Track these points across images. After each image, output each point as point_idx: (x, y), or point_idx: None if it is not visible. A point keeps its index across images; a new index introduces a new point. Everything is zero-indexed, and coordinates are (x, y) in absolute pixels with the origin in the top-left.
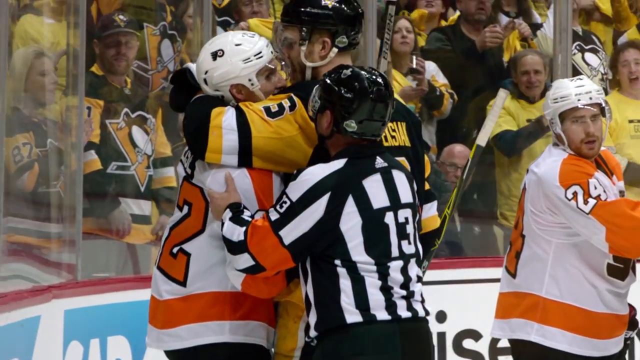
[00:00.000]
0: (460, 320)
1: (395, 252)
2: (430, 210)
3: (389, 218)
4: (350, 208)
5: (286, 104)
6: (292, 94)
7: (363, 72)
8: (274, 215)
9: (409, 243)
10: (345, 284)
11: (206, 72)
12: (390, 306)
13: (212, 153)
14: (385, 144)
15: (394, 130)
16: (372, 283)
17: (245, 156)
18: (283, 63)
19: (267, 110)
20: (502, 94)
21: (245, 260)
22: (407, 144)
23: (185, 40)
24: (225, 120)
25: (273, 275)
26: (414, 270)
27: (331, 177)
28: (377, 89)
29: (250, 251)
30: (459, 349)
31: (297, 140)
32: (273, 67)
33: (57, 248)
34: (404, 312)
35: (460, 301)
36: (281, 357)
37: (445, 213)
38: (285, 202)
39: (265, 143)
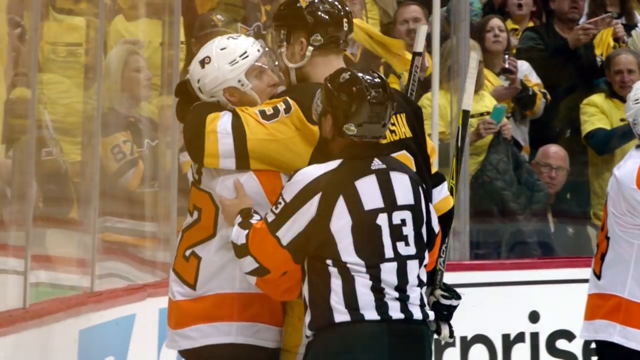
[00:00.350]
0: (554, 321)
1: (389, 253)
2: (441, 193)
3: (381, 219)
4: (340, 208)
5: (281, 106)
6: (286, 97)
7: (361, 76)
8: (270, 217)
9: (407, 245)
10: (336, 283)
11: (198, 81)
12: (381, 307)
13: (210, 157)
14: (384, 141)
15: (393, 124)
16: (363, 283)
17: (242, 159)
18: (276, 64)
19: (262, 113)
20: (474, 55)
21: (249, 263)
22: (408, 134)
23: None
24: (220, 124)
25: (280, 276)
26: (413, 272)
27: (324, 177)
28: (375, 92)
29: (252, 254)
30: (552, 349)
31: (295, 142)
32: (263, 65)
33: (152, 246)
34: (395, 314)
35: (554, 302)
36: (286, 353)
37: (450, 184)
38: (280, 203)
39: (260, 145)
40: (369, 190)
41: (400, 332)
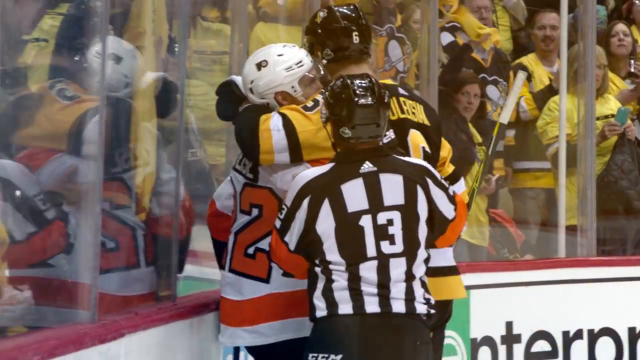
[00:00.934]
0: None
1: (371, 252)
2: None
3: (364, 221)
4: (325, 210)
5: (319, 97)
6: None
7: (350, 82)
8: (278, 223)
9: (392, 243)
10: (321, 281)
11: (252, 82)
12: (356, 301)
13: (265, 154)
14: (405, 115)
15: (414, 108)
16: (341, 281)
17: (295, 151)
18: (322, 73)
19: (304, 107)
20: (521, 75)
21: (276, 268)
22: (427, 123)
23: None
24: (272, 123)
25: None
26: (398, 269)
27: (314, 180)
28: (363, 96)
29: (274, 261)
30: None
31: None
32: (313, 75)
33: None
34: (371, 307)
35: None
36: None
37: (472, 187)
38: (283, 209)
39: (310, 136)
40: (353, 193)
41: (374, 324)
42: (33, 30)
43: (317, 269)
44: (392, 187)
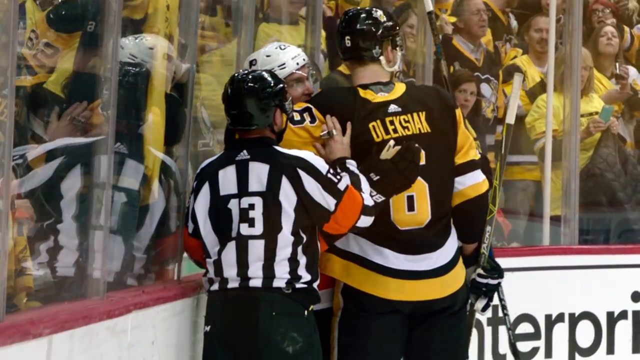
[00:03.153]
0: None
1: (234, 233)
2: (466, 181)
3: (232, 204)
4: (203, 192)
5: (307, 117)
6: (311, 107)
7: (240, 73)
8: (186, 210)
9: (251, 226)
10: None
11: None
12: (221, 280)
13: None
14: (395, 135)
15: (406, 122)
16: (211, 260)
17: None
18: (312, 73)
19: (291, 119)
20: (517, 78)
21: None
22: (425, 130)
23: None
24: None
25: None
26: (257, 249)
27: (206, 166)
28: (229, 88)
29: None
30: None
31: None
32: (303, 74)
33: None
34: (232, 284)
35: None
36: None
37: (494, 184)
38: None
39: (285, 144)
40: (227, 178)
41: (233, 298)
42: None
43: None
44: (258, 175)
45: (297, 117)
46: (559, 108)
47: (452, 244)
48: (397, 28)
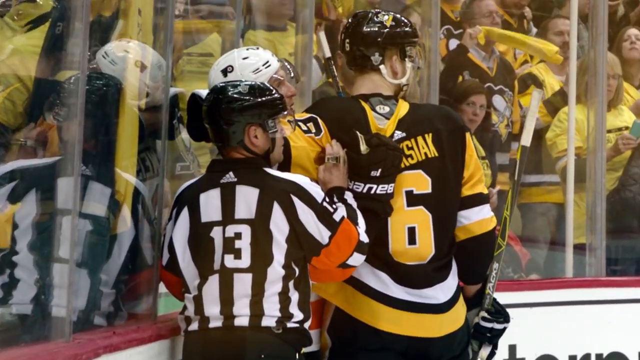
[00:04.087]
0: None
1: (217, 265)
2: (472, 216)
3: (215, 232)
4: (183, 219)
5: (312, 128)
6: (317, 118)
7: (215, 87)
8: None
9: (236, 257)
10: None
11: None
12: (201, 318)
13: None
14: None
15: (410, 149)
16: (190, 296)
17: (284, 163)
18: (292, 76)
19: (300, 128)
20: (536, 94)
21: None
22: (432, 154)
23: None
24: None
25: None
26: (243, 284)
27: (185, 189)
28: (206, 101)
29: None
30: None
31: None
32: (281, 77)
33: None
34: (215, 322)
35: None
36: None
37: (505, 215)
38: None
39: (301, 151)
40: (209, 203)
41: (216, 339)
42: None
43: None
44: (247, 200)
45: (302, 126)
46: (583, 122)
47: (454, 278)
48: (412, 36)
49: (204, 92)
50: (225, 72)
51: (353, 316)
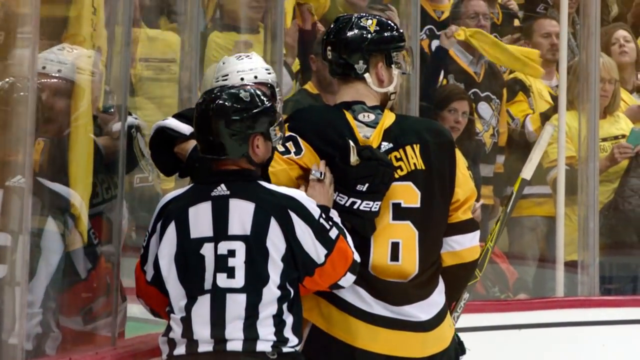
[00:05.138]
0: None
1: (207, 285)
2: (466, 243)
3: (206, 249)
4: (170, 234)
5: (292, 148)
6: (295, 136)
7: (212, 92)
8: (141, 251)
9: (230, 276)
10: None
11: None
12: (189, 341)
13: None
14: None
15: (398, 159)
16: (177, 317)
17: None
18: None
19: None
20: (549, 129)
21: (144, 305)
22: (420, 166)
23: None
24: None
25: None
26: (236, 305)
27: (171, 201)
28: (198, 108)
29: (138, 295)
30: None
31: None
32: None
33: None
34: (204, 347)
35: None
36: None
37: (487, 246)
38: (146, 235)
39: (279, 174)
40: (200, 218)
41: None
42: None
43: (167, 309)
44: (241, 215)
45: (280, 148)
46: (575, 129)
47: (440, 295)
48: (398, 41)
49: (170, 123)
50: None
51: (329, 333)
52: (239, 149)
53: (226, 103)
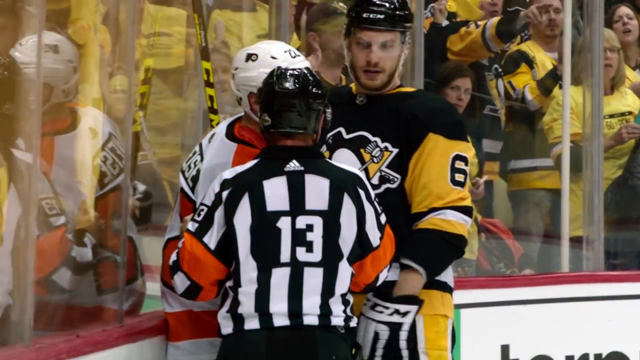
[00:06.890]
0: None
1: (285, 257)
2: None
3: (283, 222)
4: (244, 206)
5: None
6: None
7: (281, 68)
8: (193, 226)
9: (309, 251)
10: (230, 293)
11: (236, 69)
12: (263, 315)
13: None
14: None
15: None
16: (249, 290)
17: None
18: None
19: None
20: None
21: (182, 281)
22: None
23: None
24: None
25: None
26: (313, 279)
27: (237, 176)
28: (284, 82)
29: (183, 269)
30: None
31: None
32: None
33: None
34: (279, 321)
35: None
36: None
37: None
38: (202, 209)
39: None
40: (275, 192)
41: (284, 339)
42: None
43: (228, 284)
44: (317, 190)
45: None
46: (579, 105)
47: None
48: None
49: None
50: (249, 57)
51: None
52: (314, 125)
53: (308, 80)
